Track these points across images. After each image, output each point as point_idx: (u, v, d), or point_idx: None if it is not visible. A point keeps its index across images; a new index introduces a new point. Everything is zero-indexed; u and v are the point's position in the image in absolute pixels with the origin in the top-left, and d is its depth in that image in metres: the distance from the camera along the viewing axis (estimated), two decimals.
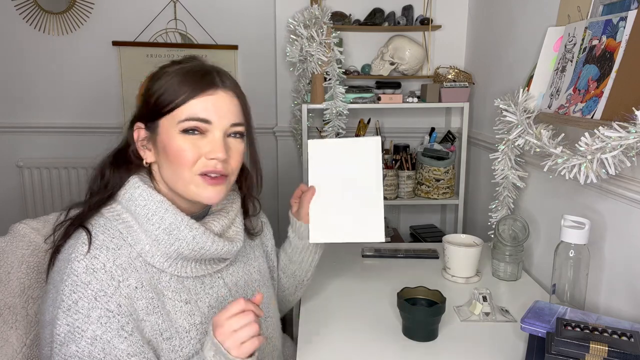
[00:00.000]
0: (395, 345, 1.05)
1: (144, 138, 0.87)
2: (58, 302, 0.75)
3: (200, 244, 0.84)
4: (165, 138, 0.84)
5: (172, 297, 0.84)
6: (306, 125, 2.01)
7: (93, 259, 0.77)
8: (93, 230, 0.81)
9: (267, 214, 1.28)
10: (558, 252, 1.13)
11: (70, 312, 0.74)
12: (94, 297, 0.75)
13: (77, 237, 0.80)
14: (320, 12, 1.90)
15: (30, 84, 2.37)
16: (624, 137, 0.89)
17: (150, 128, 0.86)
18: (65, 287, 0.75)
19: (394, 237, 2.11)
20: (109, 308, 0.76)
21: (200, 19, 2.33)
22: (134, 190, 0.84)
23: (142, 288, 0.80)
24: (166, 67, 0.88)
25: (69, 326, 0.74)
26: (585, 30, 1.15)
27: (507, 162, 1.48)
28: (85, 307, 0.75)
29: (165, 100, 0.83)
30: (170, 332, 0.82)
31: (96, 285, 0.76)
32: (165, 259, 0.84)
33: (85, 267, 0.76)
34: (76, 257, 0.77)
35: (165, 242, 0.82)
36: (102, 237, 0.80)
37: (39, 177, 2.42)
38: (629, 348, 0.82)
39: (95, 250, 0.78)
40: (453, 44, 2.22)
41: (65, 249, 0.81)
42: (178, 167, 0.83)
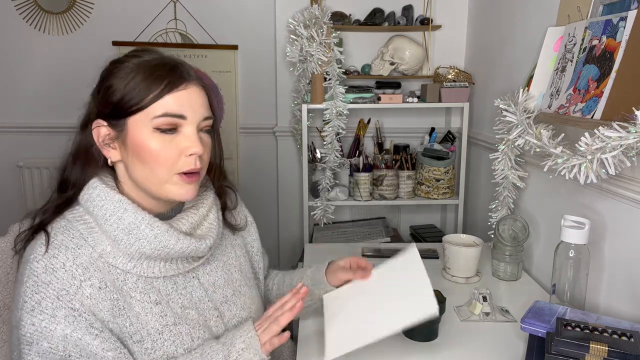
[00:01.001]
0: (395, 345, 1.05)
1: (107, 137, 0.83)
2: (21, 304, 0.75)
3: (162, 242, 0.81)
4: (137, 137, 0.80)
5: (141, 299, 0.82)
6: (306, 125, 2.01)
7: (52, 258, 0.76)
8: (52, 231, 0.80)
9: (267, 213, 1.26)
10: (558, 252, 1.13)
11: (34, 313, 0.74)
12: (57, 297, 0.74)
13: (37, 239, 0.80)
14: (320, 12, 1.90)
15: (31, 84, 2.37)
16: (624, 137, 0.89)
17: (115, 126, 0.82)
18: (26, 288, 0.75)
19: (394, 237, 2.11)
20: (73, 307, 0.75)
21: (200, 19, 2.33)
22: (92, 191, 0.82)
23: (105, 289, 0.78)
24: (123, 62, 0.82)
25: (34, 326, 0.74)
26: (585, 30, 1.15)
27: (507, 162, 1.48)
28: (49, 307, 0.74)
29: (133, 98, 0.79)
30: (140, 335, 0.80)
31: (57, 285, 0.75)
32: (128, 260, 0.81)
33: (45, 267, 0.75)
34: (35, 257, 0.76)
35: (125, 242, 0.80)
36: (61, 237, 0.79)
37: (39, 177, 2.42)
38: (629, 348, 0.82)
39: (53, 250, 0.77)
40: (453, 44, 2.22)
41: (25, 253, 0.80)
42: (155, 166, 0.81)
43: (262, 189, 2.47)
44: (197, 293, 0.90)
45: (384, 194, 2.06)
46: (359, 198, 2.06)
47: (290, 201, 2.41)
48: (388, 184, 2.05)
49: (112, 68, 0.83)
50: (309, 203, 2.07)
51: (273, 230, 2.49)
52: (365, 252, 1.60)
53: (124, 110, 0.80)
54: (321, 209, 2.05)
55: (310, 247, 1.71)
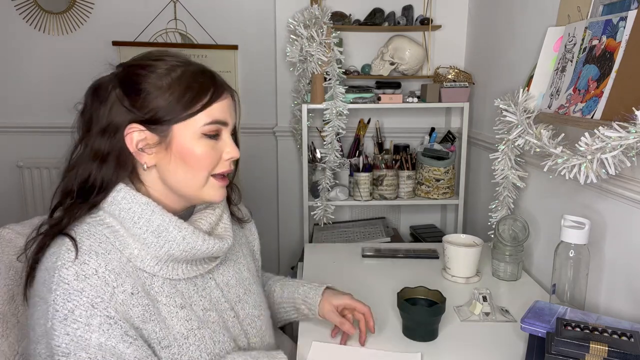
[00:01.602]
0: (395, 345, 1.05)
1: (143, 142, 0.81)
2: (51, 314, 0.71)
3: (191, 244, 0.82)
4: (184, 143, 0.82)
5: (167, 303, 0.82)
6: (306, 125, 2.01)
7: (83, 264, 0.73)
8: (77, 236, 0.77)
9: (267, 214, 1.26)
10: (558, 252, 1.13)
11: (67, 322, 0.71)
12: (91, 305, 0.72)
13: (59, 244, 0.76)
14: (320, 12, 1.90)
15: (31, 84, 2.36)
16: (624, 137, 0.89)
17: (157, 132, 0.81)
18: (56, 296, 0.71)
19: (394, 237, 2.11)
20: (108, 314, 0.73)
21: (200, 19, 2.32)
22: (116, 194, 0.81)
23: (137, 294, 0.77)
24: (155, 67, 0.82)
25: (69, 336, 0.71)
26: (585, 30, 1.15)
27: (507, 162, 1.48)
28: (83, 315, 0.71)
29: (181, 106, 0.81)
30: (168, 340, 0.80)
31: (91, 292, 0.72)
32: (155, 262, 0.81)
33: (76, 274, 0.73)
34: (63, 264, 0.73)
35: (154, 245, 0.80)
36: (88, 242, 0.76)
37: (39, 177, 2.42)
38: (629, 348, 0.82)
39: (83, 256, 0.74)
40: (453, 44, 2.22)
41: (45, 259, 0.76)
42: (197, 170, 0.83)
43: (262, 189, 2.47)
44: (215, 294, 0.91)
45: (384, 194, 2.06)
46: (359, 198, 2.06)
47: (290, 201, 2.41)
48: (388, 184, 2.05)
49: (144, 73, 0.82)
50: (309, 203, 2.07)
51: (273, 230, 2.49)
52: (365, 252, 1.60)
53: (171, 117, 0.81)
54: (321, 209, 2.05)
55: (310, 247, 1.71)
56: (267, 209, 2.50)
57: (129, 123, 0.80)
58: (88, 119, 0.83)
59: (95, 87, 0.84)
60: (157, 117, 0.80)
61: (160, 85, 0.81)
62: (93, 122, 0.82)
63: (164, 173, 0.84)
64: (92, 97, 0.84)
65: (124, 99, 0.81)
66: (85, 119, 0.84)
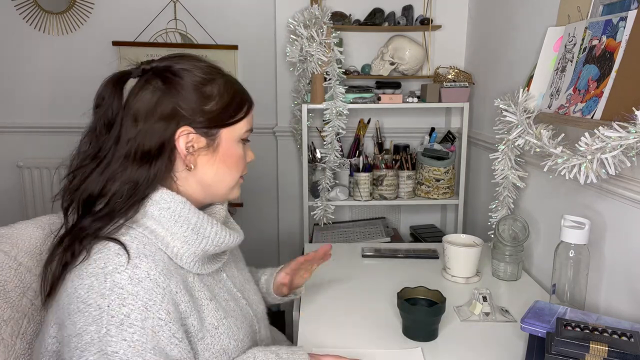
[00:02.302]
0: (395, 345, 1.05)
1: (192, 144, 0.83)
2: (106, 320, 0.70)
3: (221, 238, 0.86)
4: (229, 146, 0.88)
5: (199, 297, 0.84)
6: (306, 125, 2.01)
7: (135, 268, 0.73)
8: (121, 239, 0.76)
9: (267, 214, 1.28)
10: (558, 252, 1.13)
11: (123, 327, 0.70)
12: (145, 308, 0.72)
13: (103, 249, 0.75)
14: (320, 12, 1.90)
15: (31, 84, 2.36)
16: (624, 137, 0.89)
17: (208, 135, 0.85)
18: (111, 302, 0.71)
19: (394, 237, 2.11)
20: (160, 317, 0.73)
21: (200, 19, 2.32)
22: (154, 193, 0.82)
23: (181, 292, 0.78)
24: (213, 76, 0.86)
25: (126, 341, 0.70)
26: (585, 30, 1.15)
27: (507, 162, 1.48)
28: (138, 319, 0.71)
29: (233, 113, 0.87)
30: (203, 332, 0.82)
31: (144, 295, 0.73)
32: (192, 259, 0.83)
33: (129, 278, 0.73)
34: (115, 268, 0.73)
35: (194, 242, 0.82)
36: (134, 245, 0.76)
37: (39, 177, 2.42)
38: (629, 348, 0.82)
39: (134, 260, 0.74)
40: (453, 44, 2.22)
41: (88, 265, 0.74)
42: (234, 171, 0.90)
43: (262, 189, 2.47)
44: (228, 285, 0.95)
45: (384, 194, 2.06)
46: (359, 198, 2.06)
47: (290, 201, 2.41)
48: (388, 184, 2.05)
49: (208, 79, 0.85)
50: (309, 203, 2.07)
51: (273, 230, 2.49)
52: (365, 252, 1.60)
53: (223, 122, 0.86)
54: (321, 209, 2.05)
55: (310, 247, 1.71)
56: (267, 209, 2.50)
57: (181, 126, 0.82)
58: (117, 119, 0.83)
59: (137, 95, 0.83)
60: (211, 121, 0.84)
61: (210, 92, 0.84)
62: (128, 125, 0.81)
63: (203, 173, 0.87)
64: (127, 99, 0.83)
65: (173, 102, 0.82)
66: (114, 120, 0.83)
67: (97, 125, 0.84)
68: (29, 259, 0.94)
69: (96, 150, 0.83)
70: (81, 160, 0.83)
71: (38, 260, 0.94)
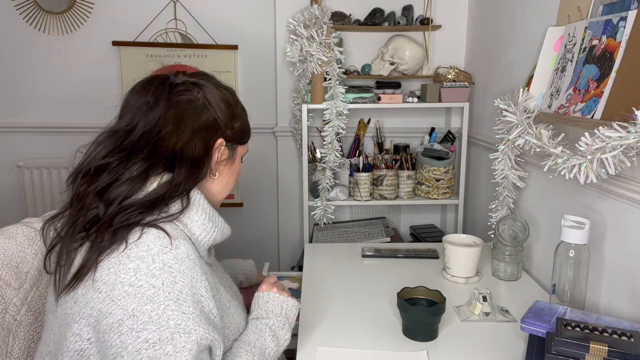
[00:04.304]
0: (395, 345, 1.05)
1: (223, 155, 0.93)
2: (162, 297, 0.74)
3: (226, 229, 0.93)
4: (238, 161, 0.99)
5: (212, 281, 0.89)
6: (306, 125, 2.01)
7: (177, 249, 0.78)
8: (158, 225, 0.80)
9: (267, 214, 1.30)
10: (558, 252, 1.13)
11: (180, 302, 0.75)
12: (191, 284, 0.77)
13: (143, 235, 0.77)
14: (320, 12, 1.90)
15: (30, 84, 2.36)
16: (624, 137, 0.89)
17: (231, 149, 0.95)
18: (164, 280, 0.75)
19: (394, 237, 2.11)
20: (202, 293, 0.79)
21: (200, 19, 2.33)
22: None
23: (205, 275, 0.82)
24: (238, 101, 0.97)
25: (185, 315, 0.74)
26: (585, 30, 1.15)
27: (507, 162, 1.48)
28: (189, 295, 0.76)
29: (248, 133, 0.99)
30: (222, 312, 0.88)
31: (189, 274, 0.78)
32: (206, 247, 0.89)
33: (174, 257, 0.77)
34: (161, 250, 0.77)
35: (210, 230, 0.87)
36: (170, 229, 0.80)
37: (39, 177, 2.42)
38: (629, 348, 0.82)
39: (175, 242, 0.78)
40: (453, 44, 2.22)
41: (129, 250, 0.76)
42: (233, 182, 0.99)
43: (262, 189, 2.47)
44: (219, 273, 1.00)
45: (384, 194, 2.06)
46: (359, 198, 2.06)
47: (290, 201, 2.41)
48: (388, 184, 2.05)
49: (235, 100, 0.96)
50: (309, 203, 2.07)
51: (273, 230, 2.49)
52: (365, 252, 1.60)
53: (240, 140, 0.97)
54: (321, 209, 2.05)
55: (310, 247, 1.71)
56: (267, 209, 2.50)
57: (217, 138, 0.91)
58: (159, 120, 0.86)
59: (182, 101, 0.88)
60: (236, 137, 0.95)
61: (237, 113, 0.95)
62: (171, 126, 0.85)
63: (219, 182, 0.95)
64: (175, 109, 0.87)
65: (217, 117, 0.90)
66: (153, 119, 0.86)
67: (132, 122, 0.87)
68: (6, 272, 0.89)
69: (129, 146, 0.85)
70: (110, 154, 0.84)
71: (16, 273, 0.90)
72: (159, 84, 0.89)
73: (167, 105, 0.86)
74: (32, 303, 0.92)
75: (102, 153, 0.84)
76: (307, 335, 1.09)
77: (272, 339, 0.93)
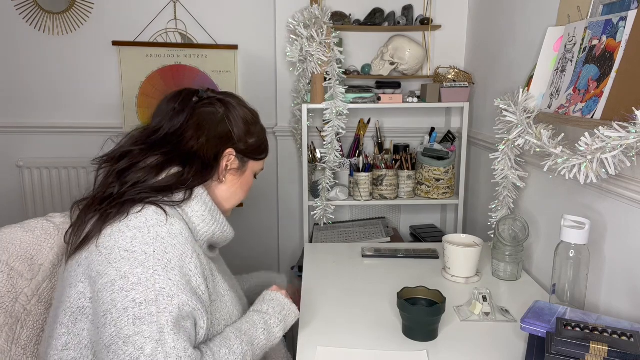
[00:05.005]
0: (395, 345, 1.05)
1: (232, 164, 1.03)
2: (152, 263, 0.83)
3: (226, 227, 1.01)
4: (249, 175, 1.09)
5: (210, 269, 0.96)
6: (306, 125, 2.01)
7: (171, 225, 0.87)
8: (159, 204, 0.90)
9: (267, 213, 1.34)
10: (558, 252, 1.13)
11: (168, 269, 0.83)
12: (181, 258, 0.86)
13: (144, 209, 0.87)
14: (320, 12, 1.90)
15: (30, 84, 2.36)
16: (624, 137, 0.89)
17: (242, 160, 1.05)
18: (156, 248, 0.84)
19: (394, 237, 2.11)
20: (190, 269, 0.87)
21: (200, 19, 2.32)
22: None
23: (199, 257, 0.90)
24: (258, 122, 1.10)
25: (171, 281, 0.83)
26: (585, 30, 1.15)
27: (507, 162, 1.48)
28: (177, 266, 0.84)
29: (263, 151, 1.10)
30: (215, 296, 0.95)
31: (180, 248, 0.86)
32: (204, 238, 0.96)
33: (168, 232, 0.86)
34: (157, 223, 0.86)
35: (209, 222, 0.96)
36: (169, 210, 0.90)
37: (39, 177, 2.42)
38: (629, 348, 0.82)
39: (170, 219, 0.88)
40: (453, 44, 2.22)
41: (128, 220, 0.86)
42: (242, 196, 1.08)
43: (262, 189, 2.47)
44: (221, 266, 1.08)
45: (384, 194, 2.06)
46: (359, 198, 2.06)
47: (290, 201, 2.41)
48: (388, 184, 2.05)
49: (254, 120, 1.08)
50: (309, 203, 2.07)
51: (273, 230, 2.49)
52: (365, 252, 1.60)
53: (253, 156, 1.07)
54: (321, 209, 2.05)
55: (310, 247, 1.71)
56: (267, 209, 2.49)
57: (228, 147, 1.02)
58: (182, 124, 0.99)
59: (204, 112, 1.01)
60: (248, 152, 1.05)
61: (254, 131, 1.06)
62: (191, 131, 0.98)
63: (226, 188, 1.04)
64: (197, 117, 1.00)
65: (232, 130, 1.02)
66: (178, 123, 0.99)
67: (159, 124, 1.00)
68: (20, 263, 0.94)
69: (152, 142, 0.97)
70: (135, 144, 0.97)
71: (30, 265, 0.96)
72: (186, 95, 1.02)
73: (192, 113, 0.99)
74: (43, 294, 0.98)
75: (129, 143, 0.97)
76: (307, 335, 1.09)
77: (263, 331, 0.97)
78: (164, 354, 0.77)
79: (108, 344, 0.78)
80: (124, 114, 2.36)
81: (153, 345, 0.77)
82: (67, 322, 0.85)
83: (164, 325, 0.79)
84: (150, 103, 2.36)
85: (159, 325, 0.79)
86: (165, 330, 0.79)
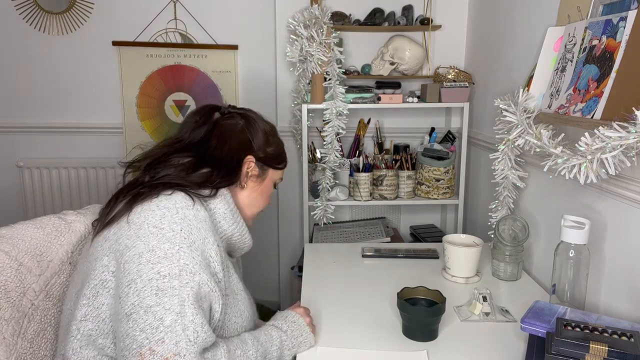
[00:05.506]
0: (395, 345, 1.05)
1: (252, 170, 1.08)
2: (179, 240, 0.87)
3: (245, 232, 1.06)
4: (269, 183, 1.15)
5: (227, 265, 0.98)
6: (306, 125, 2.01)
7: (197, 211, 0.92)
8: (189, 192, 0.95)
9: (267, 214, 1.35)
10: (558, 252, 1.13)
11: (192, 248, 0.87)
12: (204, 241, 0.90)
13: (174, 193, 0.92)
14: (320, 12, 1.90)
15: (30, 84, 2.36)
16: (624, 137, 0.89)
17: (262, 168, 1.11)
18: (183, 228, 0.88)
19: (394, 237, 2.11)
20: (211, 254, 0.90)
21: (200, 19, 2.33)
22: None
23: (219, 248, 0.94)
24: (276, 134, 1.16)
25: (194, 259, 0.86)
26: (585, 30, 1.15)
27: (507, 162, 1.48)
28: (199, 248, 0.88)
29: (281, 160, 1.17)
30: (228, 290, 0.97)
31: (204, 233, 0.90)
32: (222, 236, 1.00)
33: (194, 216, 0.91)
34: (185, 206, 0.91)
35: (229, 220, 1.00)
36: (195, 199, 0.94)
37: (39, 177, 2.42)
38: (629, 348, 0.82)
39: (197, 205, 0.93)
40: (453, 44, 2.22)
41: (159, 201, 0.91)
42: (263, 203, 1.14)
43: None
44: (238, 273, 1.10)
45: (384, 194, 2.06)
46: (359, 198, 2.06)
47: (290, 201, 2.41)
48: (388, 184, 2.05)
49: (272, 132, 1.14)
50: (309, 203, 2.07)
51: (273, 230, 2.49)
52: (365, 252, 1.60)
53: (272, 165, 1.14)
54: (321, 209, 2.05)
55: (310, 247, 1.71)
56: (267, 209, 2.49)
57: (249, 154, 1.08)
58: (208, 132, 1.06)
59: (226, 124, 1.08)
60: (268, 160, 1.11)
61: (272, 141, 1.13)
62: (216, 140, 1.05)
63: (247, 195, 1.09)
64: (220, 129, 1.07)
65: (250, 138, 1.09)
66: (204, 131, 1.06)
67: (183, 135, 1.07)
68: (30, 259, 0.96)
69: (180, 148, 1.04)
70: (166, 147, 1.04)
71: (38, 261, 0.97)
72: (208, 109, 1.10)
73: (214, 126, 1.07)
74: (51, 290, 0.99)
75: (160, 145, 1.06)
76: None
77: (277, 349, 0.99)
78: (182, 326, 0.80)
79: (129, 313, 0.81)
80: (124, 114, 2.36)
81: (173, 317, 0.80)
82: (89, 294, 0.88)
83: (185, 298, 0.82)
84: (150, 103, 2.37)
85: (180, 299, 0.82)
86: (186, 304, 0.82)
